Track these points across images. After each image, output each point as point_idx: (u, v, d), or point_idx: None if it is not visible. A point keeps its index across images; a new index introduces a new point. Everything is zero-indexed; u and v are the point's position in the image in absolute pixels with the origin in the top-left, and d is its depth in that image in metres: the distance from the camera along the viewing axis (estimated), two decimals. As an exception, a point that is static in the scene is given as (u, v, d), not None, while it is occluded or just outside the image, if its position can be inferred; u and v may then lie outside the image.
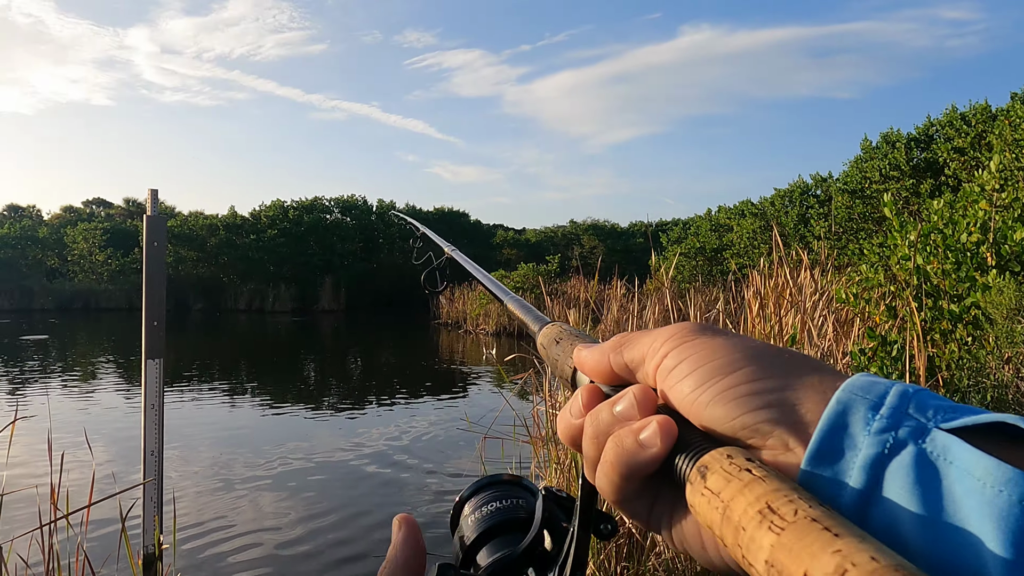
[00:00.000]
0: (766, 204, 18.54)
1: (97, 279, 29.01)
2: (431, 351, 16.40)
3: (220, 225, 30.33)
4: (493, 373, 12.43)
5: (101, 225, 31.40)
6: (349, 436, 7.13)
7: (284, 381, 11.30)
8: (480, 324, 20.39)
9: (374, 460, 6.19)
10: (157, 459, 3.72)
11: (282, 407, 8.85)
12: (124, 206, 46.88)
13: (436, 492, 5.28)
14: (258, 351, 16.74)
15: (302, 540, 4.35)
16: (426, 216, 35.05)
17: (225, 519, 4.69)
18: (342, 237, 32.08)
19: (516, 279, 19.85)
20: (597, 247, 35.85)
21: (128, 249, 30.23)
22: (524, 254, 34.70)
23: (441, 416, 8.33)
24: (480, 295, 20.76)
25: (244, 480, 5.58)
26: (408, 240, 7.28)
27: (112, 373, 11.82)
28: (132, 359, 14.03)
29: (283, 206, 32.64)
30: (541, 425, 3.59)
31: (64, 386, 10.07)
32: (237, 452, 6.47)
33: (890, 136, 13.75)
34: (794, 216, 16.86)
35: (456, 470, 5.95)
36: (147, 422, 3.73)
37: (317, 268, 30.27)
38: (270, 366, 13.83)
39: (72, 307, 27.70)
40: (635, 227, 39.63)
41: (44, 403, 8.53)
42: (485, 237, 38.00)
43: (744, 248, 18.73)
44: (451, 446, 6.83)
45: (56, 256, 30.04)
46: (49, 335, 17.80)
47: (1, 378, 10.52)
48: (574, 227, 39.04)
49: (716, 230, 20.96)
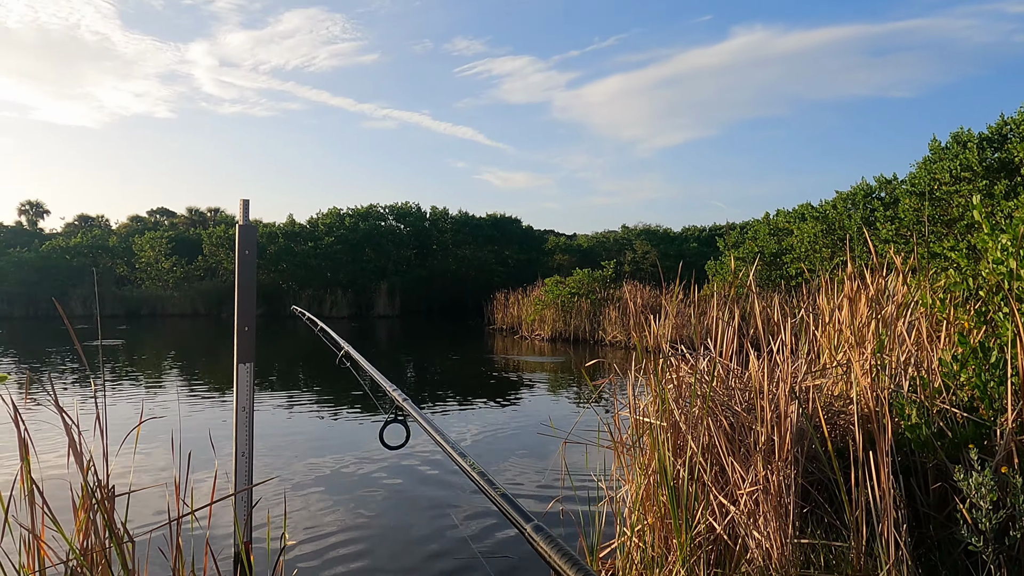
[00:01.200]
0: (827, 207, 18.13)
1: (163, 286, 30.00)
2: (488, 356, 16.50)
3: (279, 233, 31.06)
4: (553, 378, 12.45)
5: (166, 234, 32.49)
6: (414, 438, 7.23)
7: (347, 386, 11.51)
8: (536, 329, 20.42)
9: (442, 464, 6.27)
10: (248, 460, 3.84)
11: (353, 410, 9.02)
12: (187, 215, 48.45)
13: (529, 494, 5.32)
14: (318, 355, 17.08)
15: (385, 540, 4.43)
16: (479, 222, 35.26)
17: (298, 520, 4.81)
18: (397, 244, 32.53)
19: (572, 285, 19.81)
20: (650, 252, 35.56)
21: (192, 257, 31.21)
22: (577, 259, 34.62)
23: (507, 420, 8.39)
24: (535, 300, 20.81)
25: (318, 482, 5.71)
26: (461, 247, 7.30)
27: (191, 376, 12.23)
28: (203, 362, 14.47)
29: (339, 214, 33.26)
30: (623, 430, 3.60)
31: (148, 389, 10.46)
32: (305, 456, 6.62)
33: (960, 136, 13.32)
34: (857, 219, 16.46)
35: (536, 475, 5.98)
36: (238, 424, 3.85)
37: (373, 274, 30.75)
38: (332, 370, 14.11)
39: (140, 313, 28.71)
40: (688, 231, 39.21)
41: (137, 404, 8.89)
42: (537, 243, 38.06)
43: (805, 252, 18.35)
44: (527, 450, 6.87)
45: (125, 264, 31.19)
46: (124, 340, 18.48)
47: (116, 383, 10.98)
48: (626, 232, 38.81)
49: (775, 234, 20.58)
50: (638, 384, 3.62)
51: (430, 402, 9.72)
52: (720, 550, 3.10)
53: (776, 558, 2.80)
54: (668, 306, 4.79)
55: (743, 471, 3.10)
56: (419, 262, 33.39)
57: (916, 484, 3.21)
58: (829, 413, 3.58)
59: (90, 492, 2.04)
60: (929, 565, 2.93)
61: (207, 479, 5.30)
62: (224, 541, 4.18)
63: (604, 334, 18.56)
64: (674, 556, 3.01)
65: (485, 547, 4.32)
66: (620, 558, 3.39)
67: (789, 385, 3.11)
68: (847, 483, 2.99)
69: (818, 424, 3.27)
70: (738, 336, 3.83)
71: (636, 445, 3.48)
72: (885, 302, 4.17)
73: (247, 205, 3.81)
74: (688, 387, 3.48)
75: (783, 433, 3.02)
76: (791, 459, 2.99)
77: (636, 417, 3.51)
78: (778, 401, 3.09)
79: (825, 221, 17.79)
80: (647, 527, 3.23)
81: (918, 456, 3.21)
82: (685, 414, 3.33)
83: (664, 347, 3.74)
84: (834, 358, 4.23)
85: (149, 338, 19.96)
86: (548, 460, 6.38)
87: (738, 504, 3.06)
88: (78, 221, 43.07)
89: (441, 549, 4.30)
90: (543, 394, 10.73)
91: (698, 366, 3.55)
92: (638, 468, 3.38)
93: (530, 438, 7.42)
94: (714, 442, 3.23)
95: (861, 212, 16.82)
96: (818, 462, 3.29)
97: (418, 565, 4.08)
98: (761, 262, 19.92)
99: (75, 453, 2.06)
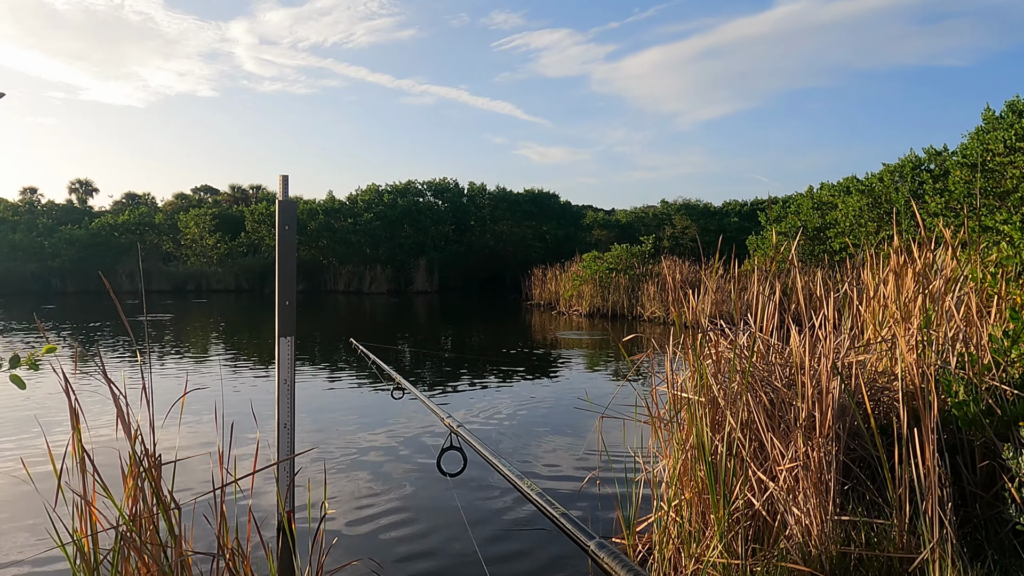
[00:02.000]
0: (874, 180, 17.64)
1: (207, 262, 30.62)
2: (526, 331, 16.53)
3: (319, 209, 31.39)
4: (590, 354, 12.44)
5: (210, 211, 33.06)
6: (457, 411, 7.30)
7: (388, 359, 11.65)
8: (573, 305, 20.38)
9: (485, 435, 6.32)
10: (290, 432, 3.92)
11: (391, 385, 9.14)
12: (229, 192, 49.21)
13: (566, 469, 5.35)
14: (359, 331, 17.31)
15: (422, 512, 4.50)
16: (517, 198, 35.15)
17: (337, 490, 4.90)
18: (435, 220, 32.63)
19: (610, 260, 19.68)
20: (689, 227, 35.12)
21: (235, 233, 31.76)
22: (615, 235, 34.36)
23: (544, 395, 8.41)
24: (572, 276, 20.75)
25: (357, 454, 5.81)
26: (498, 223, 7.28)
27: (234, 350, 12.51)
28: (246, 336, 14.78)
29: (378, 190, 33.46)
30: (660, 405, 3.58)
31: (193, 362, 10.74)
32: (344, 429, 6.73)
33: (1016, 105, 12.81)
34: (905, 192, 16.00)
35: (573, 450, 6.01)
36: (280, 396, 3.93)
37: (411, 250, 30.95)
38: (373, 344, 14.29)
39: (185, 289, 29.39)
40: (729, 206, 38.57)
41: (181, 377, 9.13)
42: (575, 218, 37.85)
43: (849, 227, 17.93)
44: (563, 425, 6.89)
45: (170, 240, 31.88)
46: (169, 315, 18.95)
47: (162, 356, 11.30)
48: (665, 207, 38.34)
49: (819, 208, 20.13)
50: (676, 359, 3.59)
51: (468, 377, 9.79)
52: (758, 526, 3.08)
53: (816, 535, 2.77)
54: (707, 281, 4.73)
55: (783, 447, 3.07)
56: (457, 238, 33.48)
57: (963, 462, 3.14)
58: (873, 389, 3.51)
59: (138, 460, 2.10)
60: (975, 544, 2.87)
61: (250, 449, 5.43)
62: (266, 511, 4.29)
63: (642, 310, 18.44)
64: (711, 531, 3.00)
65: (521, 516, 4.36)
66: (657, 532, 3.39)
67: (831, 361, 3.05)
68: (890, 460, 2.93)
69: (861, 400, 3.21)
70: (779, 311, 3.76)
71: (673, 420, 3.46)
72: (933, 276, 4.05)
73: (286, 181, 3.85)
74: (727, 362, 3.44)
75: (824, 409, 2.98)
76: (832, 435, 2.94)
77: (674, 392, 3.48)
78: (820, 377, 3.04)
79: (871, 194, 17.34)
80: (684, 502, 3.22)
81: (965, 434, 3.13)
82: (724, 389, 3.29)
83: (703, 322, 3.70)
84: (879, 334, 4.14)
85: (194, 313, 20.43)
86: (585, 435, 6.39)
87: (777, 480, 3.03)
88: (125, 199, 44.04)
89: (476, 520, 4.35)
90: (580, 370, 10.73)
91: (738, 341, 3.50)
92: (675, 443, 3.37)
93: (567, 413, 7.44)
94: (753, 418, 3.20)
95: (909, 185, 16.34)
96: (860, 439, 3.23)
97: (454, 535, 4.13)
98: (804, 237, 19.52)
99: (123, 423, 2.12)
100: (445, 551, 3.94)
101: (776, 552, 2.77)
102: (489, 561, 3.73)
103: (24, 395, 7.72)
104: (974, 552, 2.79)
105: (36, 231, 28.81)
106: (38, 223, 29.94)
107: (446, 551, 3.94)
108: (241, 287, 30.20)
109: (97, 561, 2.08)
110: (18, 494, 4.77)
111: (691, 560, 3.09)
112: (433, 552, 3.92)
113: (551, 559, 3.81)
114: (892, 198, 16.43)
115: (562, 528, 1.23)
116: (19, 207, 33.32)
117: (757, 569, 2.72)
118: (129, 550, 2.06)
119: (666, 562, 3.25)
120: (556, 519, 1.26)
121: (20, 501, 4.64)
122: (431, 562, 3.79)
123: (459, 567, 3.73)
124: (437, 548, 3.98)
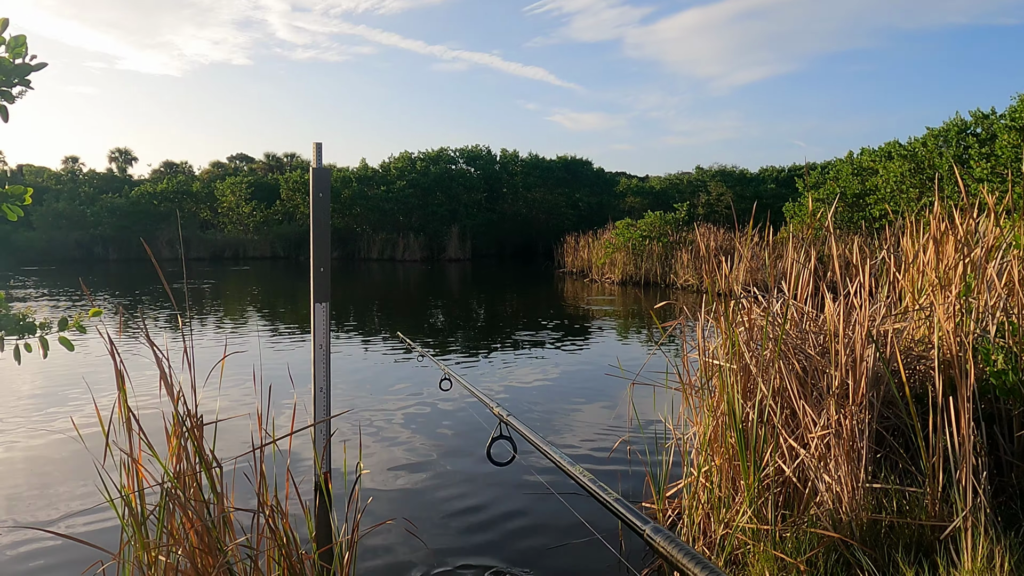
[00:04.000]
0: (916, 145, 17.16)
1: (244, 230, 31.07)
2: (558, 298, 16.54)
3: (352, 177, 31.56)
4: (622, 321, 12.42)
5: (246, 179, 33.45)
6: (489, 379, 7.39)
7: (421, 328, 11.77)
8: (606, 273, 20.31)
9: (517, 402, 6.39)
10: (325, 395, 4.00)
11: (427, 349, 9.25)
12: (264, 161, 49.68)
13: (596, 434, 5.41)
14: (393, 298, 17.48)
15: (455, 475, 4.59)
16: (549, 164, 34.90)
17: (372, 452, 5.01)
18: (467, 187, 32.60)
19: (643, 228, 19.52)
20: (725, 194, 34.59)
21: (270, 201, 32.13)
22: (649, 202, 34.02)
23: (575, 361, 8.46)
24: (605, 244, 20.64)
25: (391, 417, 5.92)
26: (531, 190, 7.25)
27: (270, 316, 12.75)
28: (281, 302, 15.03)
29: (411, 158, 33.50)
30: (692, 373, 3.59)
31: (231, 328, 10.99)
32: (373, 393, 6.85)
33: (1070, 65, 12.31)
34: (949, 157, 15.54)
35: (603, 416, 6.05)
36: (316, 361, 4.01)
37: (444, 218, 31.02)
38: (406, 311, 14.45)
39: (223, 256, 29.90)
40: (766, 172, 37.83)
41: (221, 341, 9.36)
42: (608, 185, 37.51)
43: (890, 193, 17.52)
44: (594, 391, 6.94)
45: (208, 208, 32.37)
46: (208, 281, 19.33)
47: (201, 321, 11.59)
48: (700, 174, 37.75)
49: (858, 174, 19.66)
50: (708, 327, 3.58)
51: (500, 343, 9.86)
52: (788, 492, 3.09)
53: (846, 502, 2.77)
54: (742, 249, 4.68)
55: (815, 415, 3.06)
56: (489, 206, 33.43)
57: (999, 431, 3.10)
58: (908, 358, 3.47)
59: (181, 421, 2.18)
60: (1009, 513, 2.85)
61: (287, 412, 5.56)
62: (303, 472, 4.41)
63: (676, 277, 18.32)
64: (741, 497, 3.01)
65: (555, 482, 4.42)
66: (687, 497, 3.42)
67: (866, 328, 3.02)
68: (924, 429, 2.91)
69: (896, 369, 3.17)
70: (814, 279, 3.72)
71: (704, 387, 3.46)
72: (975, 244, 3.96)
73: (320, 148, 3.88)
74: (760, 330, 3.42)
75: (858, 377, 2.95)
76: (865, 403, 2.92)
77: (705, 360, 3.48)
78: (854, 345, 3.01)
79: (913, 160, 16.88)
80: (714, 468, 3.24)
81: (1003, 403, 3.09)
82: (756, 357, 3.28)
83: (736, 290, 3.68)
84: (916, 302, 4.08)
85: (231, 280, 20.80)
86: (615, 402, 6.42)
87: (808, 447, 3.03)
88: (163, 167, 44.73)
89: (508, 486, 4.42)
90: (611, 337, 10.73)
91: (771, 309, 3.48)
92: (706, 410, 3.37)
93: (598, 380, 7.47)
94: (785, 385, 3.19)
95: (954, 149, 15.87)
96: (894, 407, 3.21)
97: (485, 502, 4.21)
98: (842, 203, 19.13)
99: (166, 384, 2.19)
100: (477, 515, 4.02)
101: (806, 518, 2.78)
102: (520, 523, 3.80)
103: (72, 357, 7.99)
104: (1008, 521, 2.76)
105: (79, 200, 29.45)
106: (80, 192, 30.59)
107: (478, 515, 4.02)
108: (277, 254, 30.63)
109: (144, 516, 2.17)
110: (70, 452, 4.96)
111: (720, 525, 3.11)
112: (467, 513, 4.01)
113: (591, 522, 3.87)
114: (935, 163, 15.98)
115: (616, 513, 1.25)
116: (62, 176, 34.08)
117: (787, 535, 2.74)
118: (174, 506, 2.14)
119: (695, 527, 3.28)
120: (610, 504, 1.28)
121: (72, 459, 4.83)
122: (464, 521, 3.87)
123: (491, 529, 3.81)
124: (470, 511, 4.06)
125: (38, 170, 36.57)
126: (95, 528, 3.77)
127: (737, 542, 2.88)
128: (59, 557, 3.45)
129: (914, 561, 2.56)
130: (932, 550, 2.59)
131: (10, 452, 5.00)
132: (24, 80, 1.34)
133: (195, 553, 2.12)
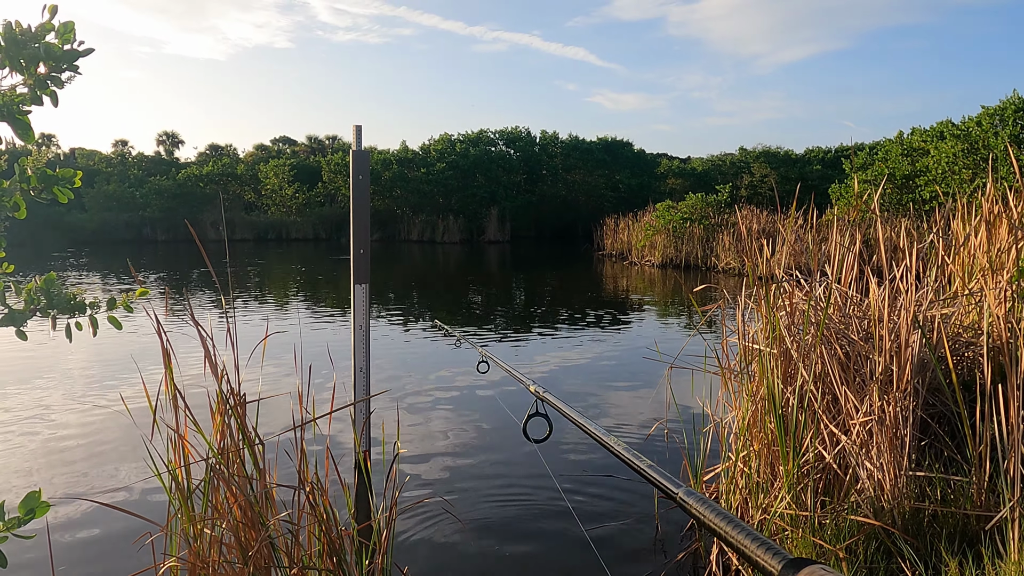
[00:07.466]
0: (971, 124, 16.57)
1: (287, 212, 31.53)
2: (597, 281, 16.47)
3: (392, 159, 31.73)
4: (660, 304, 12.33)
5: (288, 162, 33.88)
6: (526, 361, 7.42)
7: (457, 312, 11.84)
8: (645, 255, 20.14)
9: (553, 384, 6.41)
10: (365, 375, 4.06)
11: (464, 333, 9.32)
12: (307, 143, 50.23)
13: (634, 417, 5.40)
14: (431, 280, 17.60)
15: (491, 455, 4.63)
16: (589, 146, 34.62)
17: (409, 432, 5.08)
18: (507, 169, 32.53)
19: (684, 210, 19.28)
20: (769, 175, 33.91)
21: (312, 184, 32.52)
22: (690, 184, 33.52)
23: (614, 344, 8.43)
24: (645, 226, 20.45)
25: (429, 398, 5.98)
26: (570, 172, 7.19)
27: (312, 297, 12.96)
28: (322, 284, 15.25)
29: (450, 140, 33.52)
30: (731, 356, 3.55)
31: (274, 308, 11.20)
32: (411, 374, 6.92)
33: None
34: (1005, 137, 14.99)
35: (641, 400, 6.04)
36: (356, 341, 4.07)
37: (483, 200, 31.03)
38: (445, 293, 14.55)
39: (267, 237, 30.40)
40: (811, 153, 36.95)
41: (263, 321, 9.55)
42: (649, 167, 37.06)
43: (942, 174, 16.98)
44: (632, 374, 6.92)
45: (252, 191, 32.90)
46: (251, 262, 19.69)
47: (245, 301, 11.85)
48: (743, 154, 37.04)
49: (908, 155, 19.09)
50: (748, 311, 3.53)
51: (539, 324, 9.87)
52: (828, 479, 3.04)
53: (888, 489, 2.72)
54: (785, 231, 4.60)
55: (857, 401, 3.00)
56: (529, 187, 33.34)
57: (1051, 421, 3.01)
58: (956, 344, 3.38)
59: (224, 398, 2.24)
60: (1059, 505, 2.77)
61: (328, 391, 5.66)
62: (343, 450, 4.49)
63: (717, 260, 18.08)
64: (780, 482, 2.98)
65: (590, 463, 4.43)
66: (724, 482, 3.40)
67: (912, 314, 2.95)
68: (971, 417, 2.84)
69: (943, 355, 3.10)
70: (859, 263, 3.64)
71: (744, 372, 3.43)
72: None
73: (360, 131, 3.91)
74: (801, 314, 3.37)
75: (903, 363, 2.89)
76: (910, 390, 2.86)
77: (745, 344, 3.44)
78: (899, 330, 2.95)
79: (967, 140, 16.32)
80: (753, 453, 3.21)
81: (1055, 392, 2.99)
82: (797, 342, 3.23)
83: (778, 273, 3.62)
84: (966, 287, 3.96)
85: (275, 260, 21.16)
86: (654, 385, 6.39)
87: (850, 434, 2.98)
88: (209, 150, 45.55)
89: (545, 466, 4.44)
90: (650, 320, 10.66)
91: (814, 293, 3.42)
92: (745, 395, 3.34)
93: (636, 363, 7.44)
94: (827, 371, 3.14)
95: (1010, 129, 15.30)
96: (940, 394, 3.13)
97: (521, 482, 4.24)
98: (891, 185, 18.62)
99: (210, 363, 2.25)
100: (514, 494, 4.06)
101: (846, 505, 2.74)
102: (557, 505, 3.82)
103: (121, 336, 8.23)
104: (1058, 513, 2.69)
105: (128, 182, 30.19)
106: (129, 174, 31.35)
107: (514, 494, 4.06)
108: (319, 236, 31.03)
109: (190, 490, 2.24)
110: (119, 427, 5.13)
111: (758, 511, 3.09)
112: (503, 492, 4.04)
113: (626, 502, 3.88)
114: (990, 143, 15.43)
115: (649, 479, 1.28)
116: (112, 159, 34.95)
117: (826, 521, 2.71)
118: (218, 481, 2.21)
119: (733, 511, 3.26)
120: (644, 471, 1.29)
121: (122, 434, 5.00)
122: (500, 499, 3.91)
123: (527, 508, 3.84)
124: (507, 490, 4.10)
125: (89, 153, 37.56)
126: (144, 500, 3.90)
127: (775, 528, 2.86)
128: (111, 528, 3.58)
129: (958, 551, 2.51)
130: (977, 540, 2.54)
131: (65, 428, 5.19)
132: (72, 66, 1.37)
133: (238, 527, 2.18)
